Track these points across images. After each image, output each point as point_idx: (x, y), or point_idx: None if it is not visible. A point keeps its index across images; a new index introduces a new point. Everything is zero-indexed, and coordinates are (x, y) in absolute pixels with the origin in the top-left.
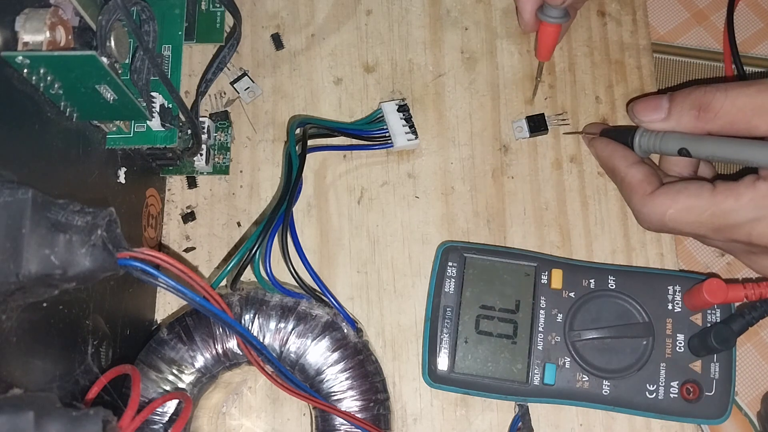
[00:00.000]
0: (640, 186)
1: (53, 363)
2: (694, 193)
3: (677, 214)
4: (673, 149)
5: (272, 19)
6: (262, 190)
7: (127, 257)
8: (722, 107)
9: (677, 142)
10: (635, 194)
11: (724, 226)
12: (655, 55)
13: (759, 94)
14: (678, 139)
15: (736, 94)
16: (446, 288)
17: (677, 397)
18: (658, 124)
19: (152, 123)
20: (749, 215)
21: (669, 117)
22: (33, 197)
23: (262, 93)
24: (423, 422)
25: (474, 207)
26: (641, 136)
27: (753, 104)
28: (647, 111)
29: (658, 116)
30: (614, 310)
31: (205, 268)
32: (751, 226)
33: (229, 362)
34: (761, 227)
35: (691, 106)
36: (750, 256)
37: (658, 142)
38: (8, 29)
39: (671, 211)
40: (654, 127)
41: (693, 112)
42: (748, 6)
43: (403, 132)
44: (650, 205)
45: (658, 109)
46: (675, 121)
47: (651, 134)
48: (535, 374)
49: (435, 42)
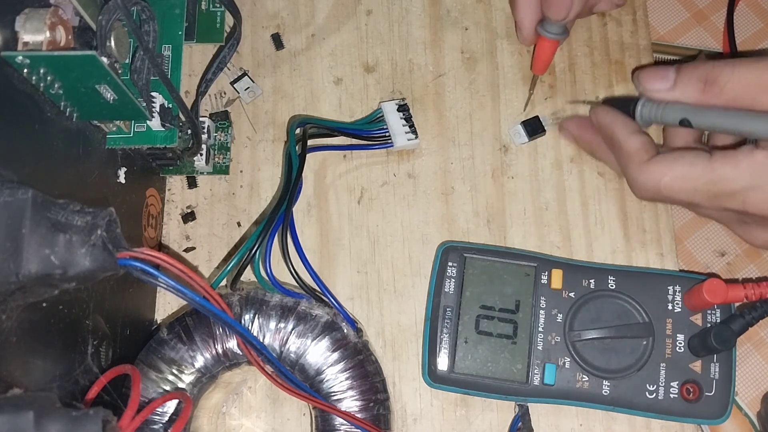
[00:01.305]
0: (637, 153)
1: (53, 363)
2: (691, 161)
3: (673, 182)
4: (675, 119)
5: (272, 19)
6: (262, 190)
7: (127, 257)
8: (729, 82)
9: (679, 113)
10: (632, 161)
11: (720, 193)
12: (655, 55)
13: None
14: (680, 110)
15: (744, 70)
16: (446, 288)
17: (677, 397)
18: (663, 93)
19: (152, 123)
20: (745, 183)
21: (674, 87)
22: (33, 197)
23: (262, 93)
24: (423, 422)
25: (474, 207)
26: (644, 105)
27: (759, 81)
28: (653, 79)
29: (664, 86)
30: (614, 311)
31: (205, 268)
32: (746, 194)
33: (229, 362)
34: (756, 196)
35: (698, 78)
36: (742, 226)
37: (660, 111)
38: (8, 29)
39: (667, 179)
40: (658, 97)
41: (699, 85)
42: (748, 6)
43: (403, 132)
44: (646, 172)
45: (665, 79)
46: (680, 91)
47: (653, 104)
48: (535, 374)
49: (435, 42)
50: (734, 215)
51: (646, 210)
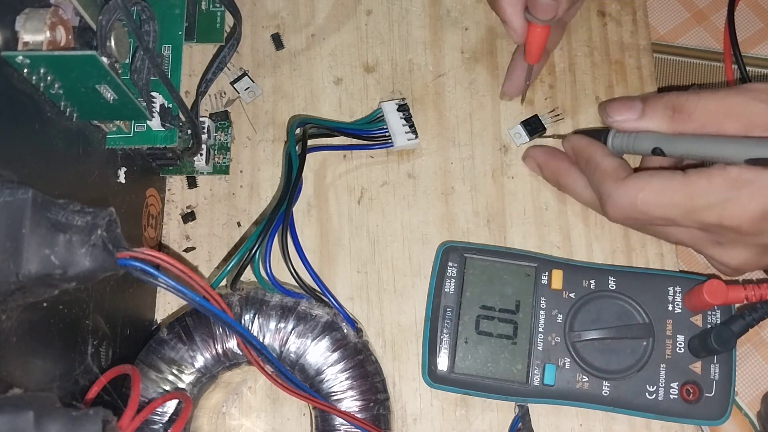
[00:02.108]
0: (614, 171)
1: (53, 363)
2: (668, 177)
3: (649, 196)
4: (647, 148)
5: (272, 19)
6: (262, 190)
7: (127, 257)
8: (696, 109)
9: (651, 141)
10: (608, 179)
11: (696, 207)
12: (655, 55)
13: (728, 97)
14: (652, 139)
15: (708, 97)
16: (446, 288)
17: (677, 398)
18: (631, 123)
19: (152, 123)
20: (721, 196)
21: (643, 116)
22: (33, 197)
23: (262, 93)
24: (423, 422)
25: (474, 207)
26: (614, 136)
27: (724, 107)
28: (621, 110)
29: (632, 116)
30: (614, 311)
31: (205, 268)
32: (722, 207)
33: (229, 362)
34: (733, 208)
35: (665, 106)
36: (716, 246)
37: (631, 141)
38: (8, 29)
39: (643, 194)
40: (627, 127)
41: (668, 112)
42: (748, 6)
43: (403, 132)
44: (623, 187)
45: (632, 109)
46: (648, 120)
47: (624, 135)
48: (535, 375)
49: (435, 42)
50: (707, 236)
51: None
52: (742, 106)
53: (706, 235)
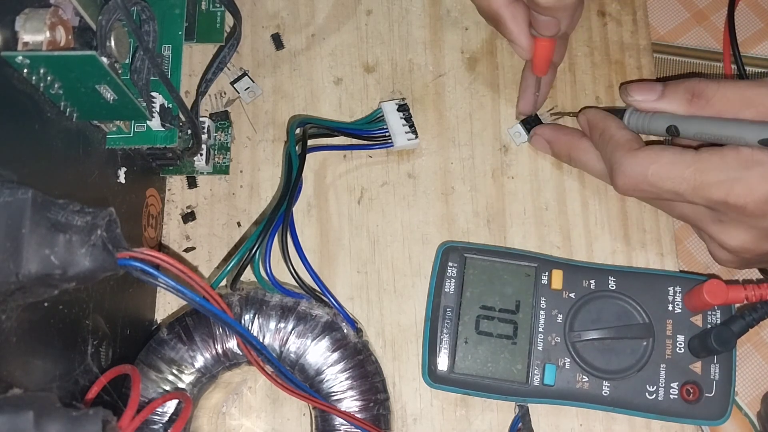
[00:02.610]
0: (627, 143)
1: (53, 363)
2: (679, 151)
3: (661, 168)
4: (662, 127)
5: (272, 19)
6: (262, 190)
7: (127, 257)
8: (714, 96)
9: (666, 120)
10: (620, 149)
11: (705, 183)
12: (655, 55)
13: (748, 88)
14: (667, 118)
15: (728, 85)
16: (446, 288)
17: (677, 398)
18: (650, 103)
19: (152, 123)
20: (731, 174)
21: (662, 98)
22: (33, 197)
23: (262, 93)
24: (423, 422)
25: (474, 207)
26: (631, 114)
27: (742, 96)
28: (642, 90)
29: (652, 96)
30: (614, 311)
31: (205, 268)
32: (731, 185)
33: (229, 362)
34: (741, 186)
35: (686, 90)
36: (717, 224)
37: (647, 120)
38: (8, 29)
39: (655, 166)
40: (645, 107)
41: (687, 96)
42: (748, 6)
43: (403, 131)
44: (634, 159)
45: (652, 91)
46: (667, 102)
47: (641, 114)
48: (535, 375)
49: (435, 42)
50: (710, 213)
51: (646, 210)
52: (762, 96)
53: (710, 212)
